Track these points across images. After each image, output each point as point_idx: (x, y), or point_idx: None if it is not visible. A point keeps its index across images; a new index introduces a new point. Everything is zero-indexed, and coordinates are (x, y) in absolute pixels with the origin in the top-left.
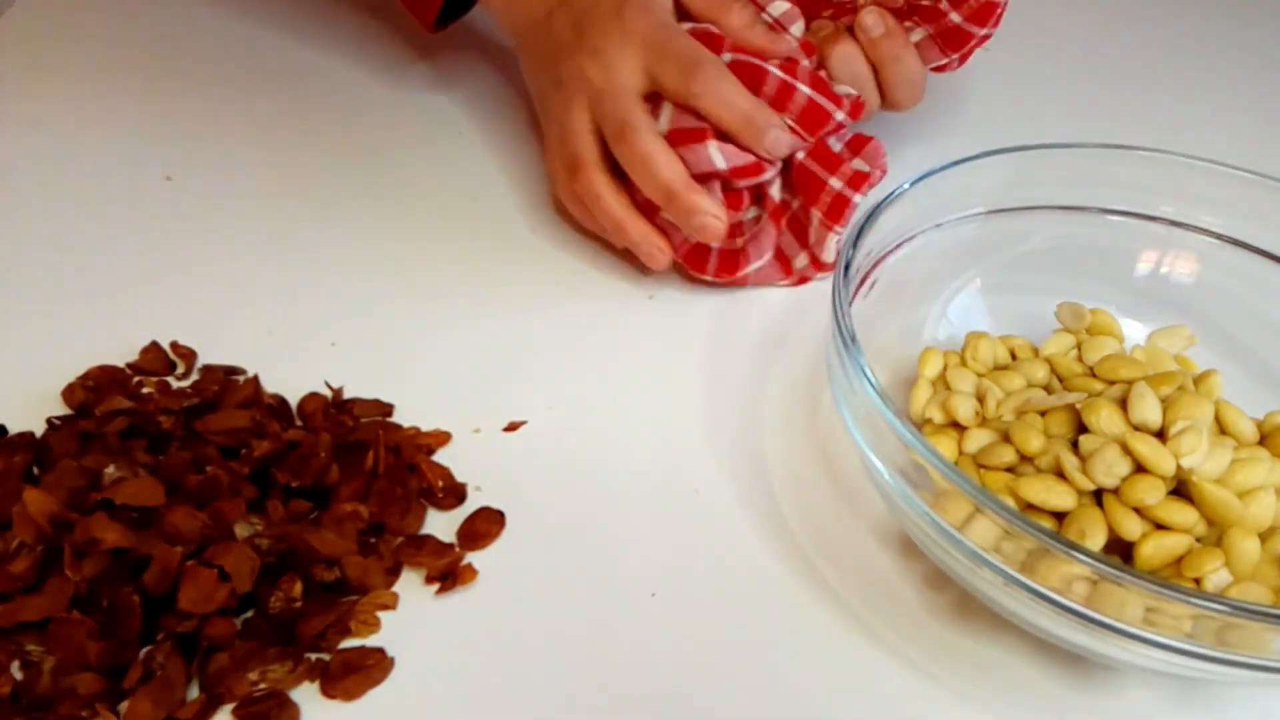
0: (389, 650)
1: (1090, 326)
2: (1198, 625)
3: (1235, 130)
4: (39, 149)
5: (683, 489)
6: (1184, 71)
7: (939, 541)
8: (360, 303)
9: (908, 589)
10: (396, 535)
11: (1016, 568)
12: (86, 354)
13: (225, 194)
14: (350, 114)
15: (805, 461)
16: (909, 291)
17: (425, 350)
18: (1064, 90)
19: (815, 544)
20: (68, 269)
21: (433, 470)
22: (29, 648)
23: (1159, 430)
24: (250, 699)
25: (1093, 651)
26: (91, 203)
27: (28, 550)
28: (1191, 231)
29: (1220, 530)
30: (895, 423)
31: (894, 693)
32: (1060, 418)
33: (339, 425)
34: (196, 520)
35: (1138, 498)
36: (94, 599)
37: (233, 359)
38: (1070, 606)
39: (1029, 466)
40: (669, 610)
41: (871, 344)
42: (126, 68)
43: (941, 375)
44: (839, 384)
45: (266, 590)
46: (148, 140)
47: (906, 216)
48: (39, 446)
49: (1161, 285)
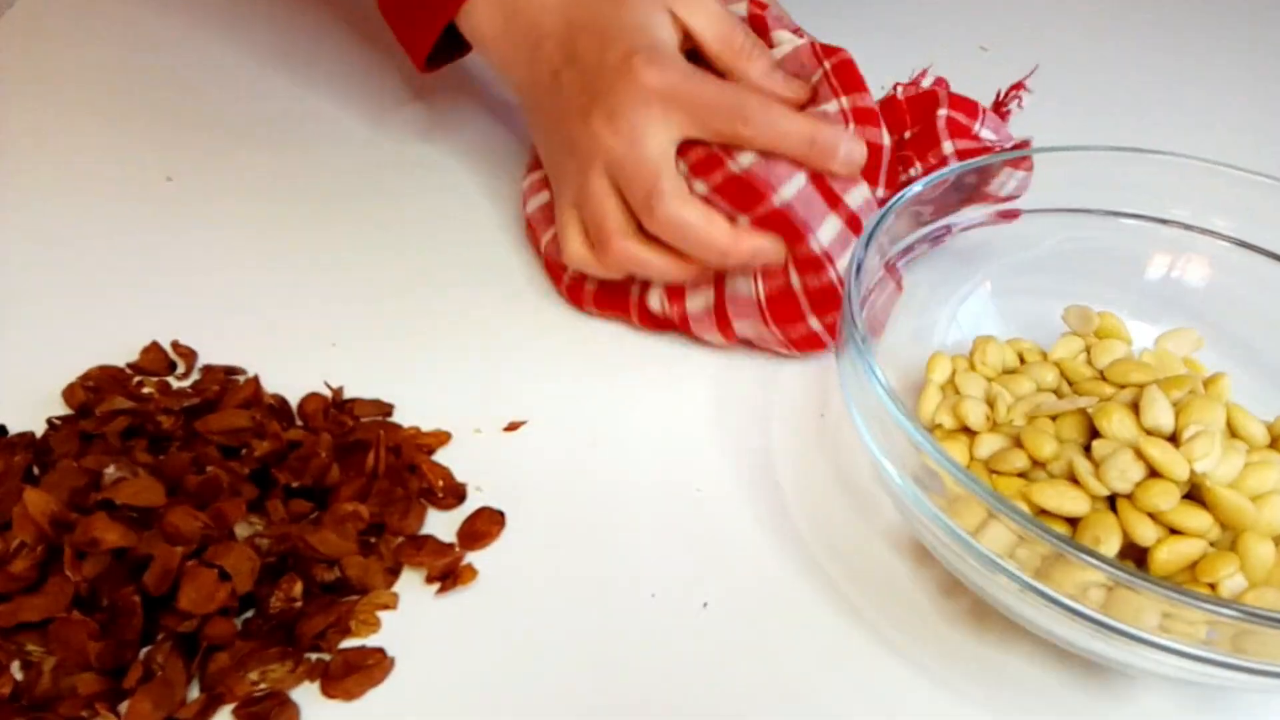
0: (389, 650)
1: (1098, 330)
2: (1213, 631)
3: (1247, 133)
4: (39, 149)
5: (686, 489)
6: (1196, 74)
7: (952, 547)
8: (360, 303)
9: (921, 595)
10: (396, 535)
11: (1031, 574)
12: (87, 354)
13: (225, 194)
14: (351, 113)
15: (814, 465)
16: (919, 294)
17: (425, 350)
18: (1075, 93)
19: (825, 548)
20: (68, 269)
21: (433, 470)
22: (29, 648)
23: (1171, 434)
24: (250, 699)
25: (1108, 658)
26: (91, 203)
27: (28, 550)
28: (1203, 235)
29: (1234, 535)
30: (907, 426)
31: (908, 700)
32: (1071, 422)
33: (339, 425)
34: (197, 520)
35: (1152, 503)
36: (94, 599)
37: (233, 359)
38: (1085, 613)
39: (1041, 472)
40: (670, 611)
41: (881, 346)
42: (127, 68)
43: (950, 380)
44: (850, 387)
45: (267, 590)
46: (148, 140)
47: (918, 219)
48: (39, 446)
49: (1171, 289)
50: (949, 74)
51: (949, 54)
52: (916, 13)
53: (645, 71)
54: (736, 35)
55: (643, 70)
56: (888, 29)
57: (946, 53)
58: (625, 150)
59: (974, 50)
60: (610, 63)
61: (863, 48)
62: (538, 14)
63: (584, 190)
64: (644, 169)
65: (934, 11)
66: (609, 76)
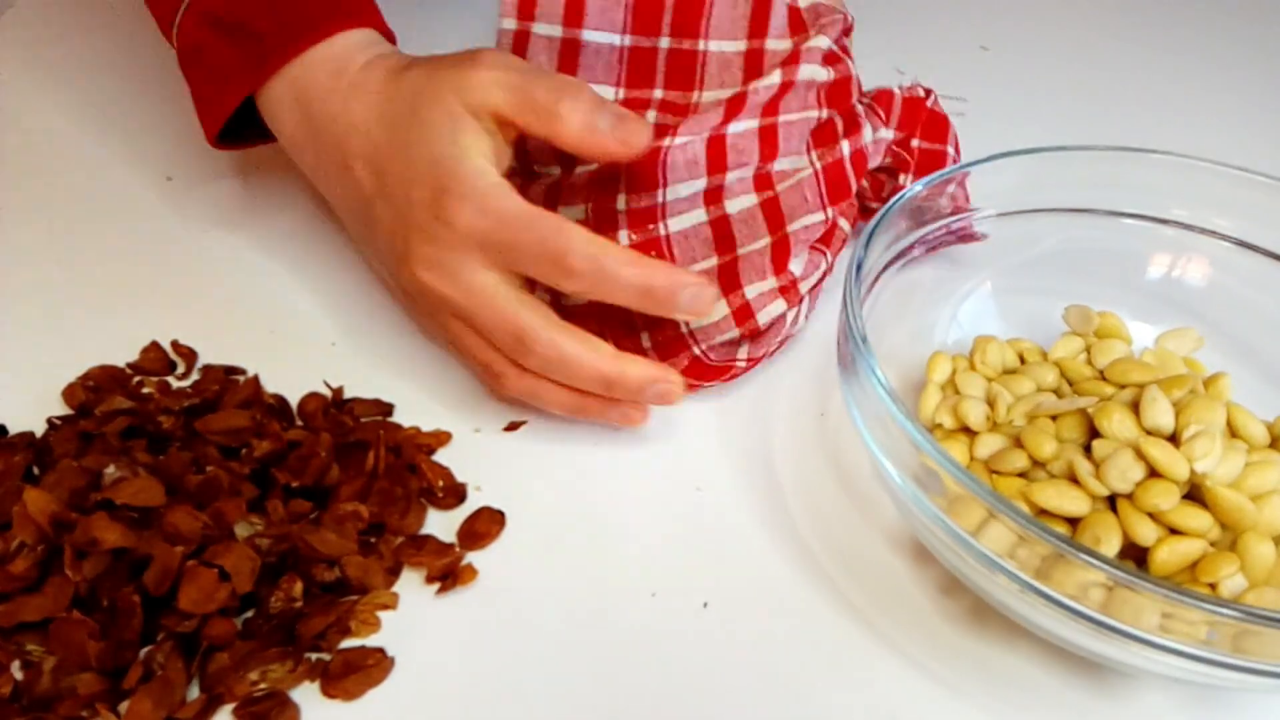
0: (389, 650)
1: (1098, 330)
2: (1213, 631)
3: (1247, 133)
4: (39, 149)
5: (685, 489)
6: (1197, 74)
7: (952, 547)
8: (360, 303)
9: (921, 595)
10: (397, 535)
11: (1031, 574)
12: (87, 354)
13: (225, 194)
14: None
15: (814, 464)
16: (919, 294)
17: (425, 350)
18: (1076, 92)
19: (825, 547)
20: (68, 269)
21: (433, 470)
22: (29, 648)
23: (1171, 434)
24: (250, 699)
25: (1108, 658)
26: (92, 203)
27: (28, 550)
28: (1203, 235)
29: (1234, 535)
30: (908, 426)
31: (908, 700)
32: (1071, 422)
33: (339, 425)
34: (197, 520)
35: (1152, 503)
36: (94, 599)
37: (233, 359)
38: (1085, 613)
39: (1041, 472)
40: (670, 611)
41: (881, 346)
42: (127, 67)
43: (950, 380)
44: (850, 386)
45: (267, 590)
46: (148, 140)
47: (918, 219)
48: (39, 446)
49: (1171, 289)
50: (949, 73)
51: (949, 54)
52: (917, 13)
53: (458, 215)
54: (536, 93)
55: (455, 214)
56: (888, 29)
57: (947, 53)
58: (464, 299)
59: (974, 50)
60: (419, 202)
61: (863, 47)
62: (344, 134)
63: (444, 339)
64: (493, 312)
65: (934, 11)
66: (420, 220)
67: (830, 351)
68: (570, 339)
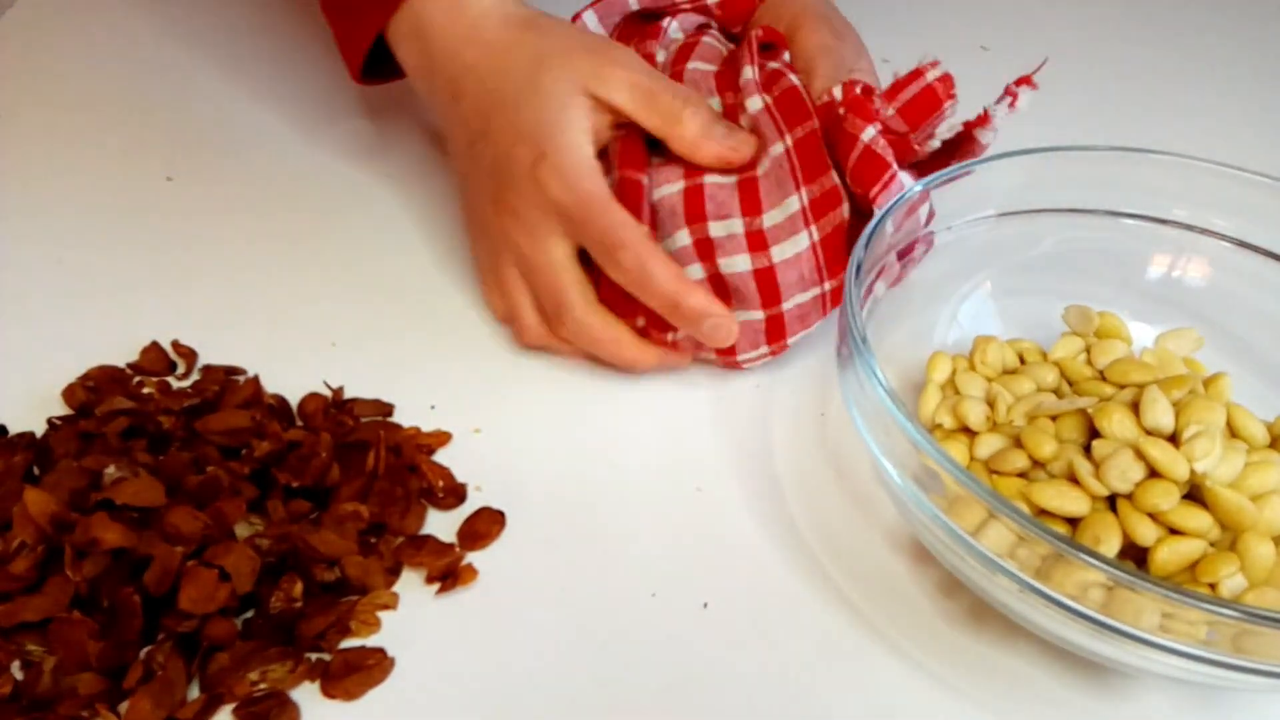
0: (389, 650)
1: (1098, 330)
2: (1213, 631)
3: (1247, 133)
4: (39, 148)
5: (685, 489)
6: (1197, 74)
7: (952, 547)
8: (360, 303)
9: (921, 595)
10: (397, 535)
11: (1031, 574)
12: (87, 354)
13: (226, 194)
14: (352, 113)
15: (814, 465)
16: (919, 294)
17: (425, 350)
18: (1076, 93)
19: (825, 548)
20: (68, 269)
21: (433, 470)
22: (29, 648)
23: (1171, 434)
24: (250, 699)
25: (1108, 658)
26: (92, 203)
27: (28, 550)
28: (1203, 235)
29: (1234, 535)
30: (907, 426)
31: (907, 700)
32: (1071, 422)
33: (339, 425)
34: (197, 520)
35: (1152, 503)
36: (94, 599)
37: (233, 359)
38: (1085, 613)
39: (1041, 472)
40: (670, 611)
41: (881, 346)
42: (127, 68)
43: (950, 380)
44: (850, 386)
45: (267, 590)
46: (148, 140)
47: (918, 219)
48: (39, 446)
49: (1171, 289)
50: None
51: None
52: (917, 12)
53: (550, 182)
54: (662, 98)
55: (548, 180)
56: (888, 28)
57: (947, 52)
58: (530, 253)
59: (975, 50)
60: (520, 159)
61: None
62: (458, 71)
63: (498, 278)
64: (549, 277)
65: (934, 11)
66: (517, 174)
67: (830, 351)
68: (602, 325)
